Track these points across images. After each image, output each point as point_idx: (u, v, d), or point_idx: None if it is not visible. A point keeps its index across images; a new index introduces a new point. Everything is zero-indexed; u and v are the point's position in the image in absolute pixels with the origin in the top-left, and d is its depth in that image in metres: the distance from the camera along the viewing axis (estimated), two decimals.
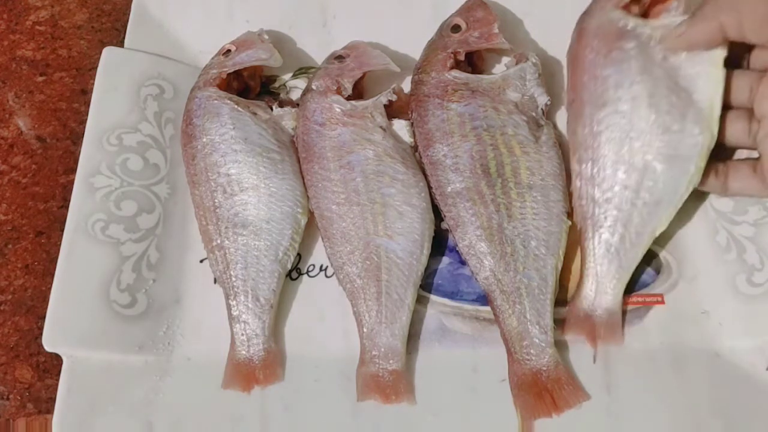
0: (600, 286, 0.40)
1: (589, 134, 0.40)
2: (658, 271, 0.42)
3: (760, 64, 0.40)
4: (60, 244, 0.42)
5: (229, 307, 0.42)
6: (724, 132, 0.39)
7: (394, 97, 0.45)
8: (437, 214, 0.42)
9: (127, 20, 0.51)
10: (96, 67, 0.48)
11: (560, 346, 0.39)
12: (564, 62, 0.47)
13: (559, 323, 0.40)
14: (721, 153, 0.40)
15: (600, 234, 0.40)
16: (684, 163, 0.39)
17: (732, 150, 0.41)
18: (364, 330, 0.41)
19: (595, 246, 0.40)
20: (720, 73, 0.38)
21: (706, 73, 0.38)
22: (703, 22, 0.37)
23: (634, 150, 0.39)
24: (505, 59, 0.48)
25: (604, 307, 0.40)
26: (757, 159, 0.39)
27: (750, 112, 0.39)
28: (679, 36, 0.38)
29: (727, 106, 0.39)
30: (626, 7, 0.41)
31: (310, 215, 0.44)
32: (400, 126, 0.45)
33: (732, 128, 0.40)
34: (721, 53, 0.38)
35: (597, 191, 0.40)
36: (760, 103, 0.39)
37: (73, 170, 0.45)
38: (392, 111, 0.45)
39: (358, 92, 0.47)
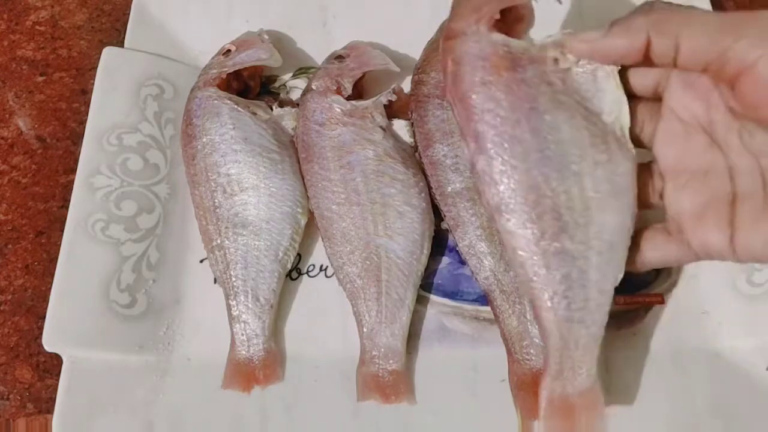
0: (570, 364, 0.34)
1: (516, 188, 0.33)
2: (658, 271, 0.42)
3: (644, 86, 0.34)
4: (60, 244, 0.42)
5: (229, 307, 0.42)
6: None
7: (394, 97, 0.45)
8: (437, 214, 0.42)
9: (127, 20, 0.51)
10: (96, 67, 0.48)
11: None
12: None
13: None
14: None
15: (557, 304, 0.33)
16: (624, 195, 0.33)
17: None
18: (364, 330, 0.41)
19: (555, 319, 0.34)
20: (620, 88, 0.33)
21: (608, 89, 0.33)
22: (628, 33, 0.31)
23: (573, 196, 0.33)
24: None
25: (580, 389, 0.34)
26: (667, 221, 0.34)
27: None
28: (592, 42, 0.32)
29: None
30: (496, 26, 0.34)
31: (310, 215, 0.44)
32: (400, 126, 0.45)
33: None
34: (616, 66, 0.33)
35: (541, 254, 0.33)
36: (662, 152, 0.34)
37: (73, 170, 0.45)
38: (392, 111, 0.45)
39: (358, 92, 0.47)
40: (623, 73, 0.34)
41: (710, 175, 0.32)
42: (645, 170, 0.35)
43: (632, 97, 0.34)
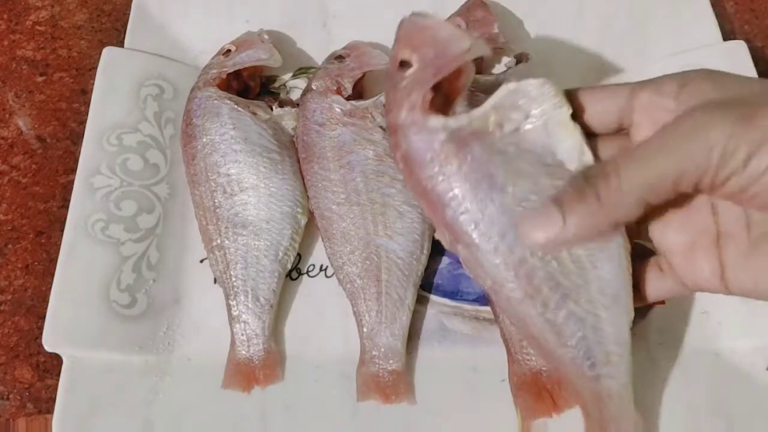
0: (608, 415, 0.34)
1: (505, 268, 0.32)
2: None
3: (605, 124, 0.33)
4: (60, 244, 0.42)
5: (229, 307, 0.42)
6: None
7: None
8: None
9: (127, 20, 0.51)
10: (96, 67, 0.48)
11: None
12: None
13: None
14: None
15: (580, 366, 0.33)
16: (612, 239, 0.32)
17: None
18: (364, 330, 0.41)
19: (583, 380, 0.33)
20: (576, 130, 0.32)
21: (562, 137, 0.32)
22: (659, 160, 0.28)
23: (564, 260, 0.32)
24: (506, 59, 0.48)
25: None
26: (655, 256, 0.34)
27: None
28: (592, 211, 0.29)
29: None
30: (432, 107, 0.32)
31: (310, 215, 0.44)
32: None
33: None
34: (566, 111, 0.32)
35: (551, 324, 0.32)
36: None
37: (73, 170, 0.45)
38: None
39: (358, 92, 0.47)
40: (580, 115, 0.33)
41: (692, 210, 0.32)
42: None
43: (596, 135, 0.33)
